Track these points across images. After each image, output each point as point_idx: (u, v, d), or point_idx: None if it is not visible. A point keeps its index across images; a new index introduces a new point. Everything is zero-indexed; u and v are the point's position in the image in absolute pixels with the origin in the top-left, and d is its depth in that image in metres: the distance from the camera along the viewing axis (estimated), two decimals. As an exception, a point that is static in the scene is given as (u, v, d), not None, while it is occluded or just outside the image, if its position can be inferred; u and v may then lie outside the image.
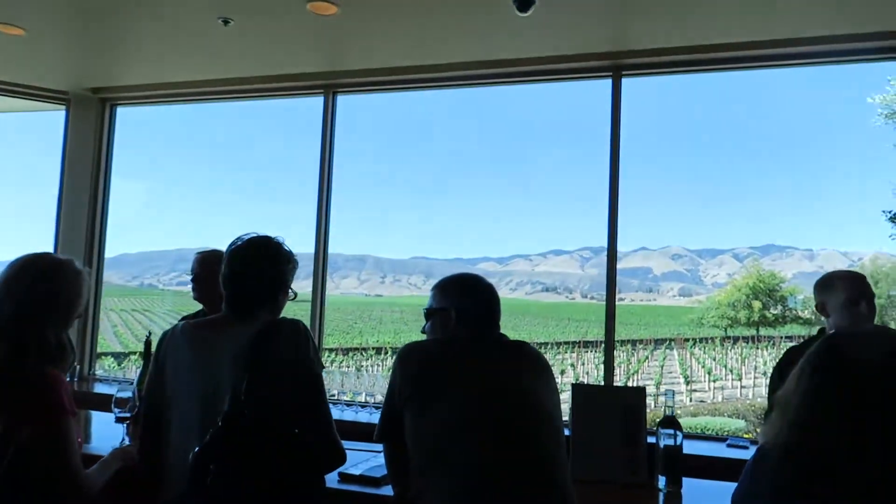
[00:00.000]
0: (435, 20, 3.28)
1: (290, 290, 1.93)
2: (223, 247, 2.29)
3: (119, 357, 28.47)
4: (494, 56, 3.73)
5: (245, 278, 1.85)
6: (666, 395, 2.19)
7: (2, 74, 4.34)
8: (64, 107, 4.65)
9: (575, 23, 3.28)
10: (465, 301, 1.90)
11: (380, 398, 3.37)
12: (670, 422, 2.15)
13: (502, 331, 1.92)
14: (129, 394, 2.29)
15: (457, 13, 3.18)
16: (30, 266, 1.83)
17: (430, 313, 1.94)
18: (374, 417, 3.16)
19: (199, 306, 2.91)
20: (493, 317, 1.91)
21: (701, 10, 3.09)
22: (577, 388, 2.27)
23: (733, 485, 1.41)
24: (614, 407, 2.21)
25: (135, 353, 30.14)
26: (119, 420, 2.30)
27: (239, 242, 1.89)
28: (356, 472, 2.15)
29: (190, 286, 2.93)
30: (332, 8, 3.14)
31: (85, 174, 4.59)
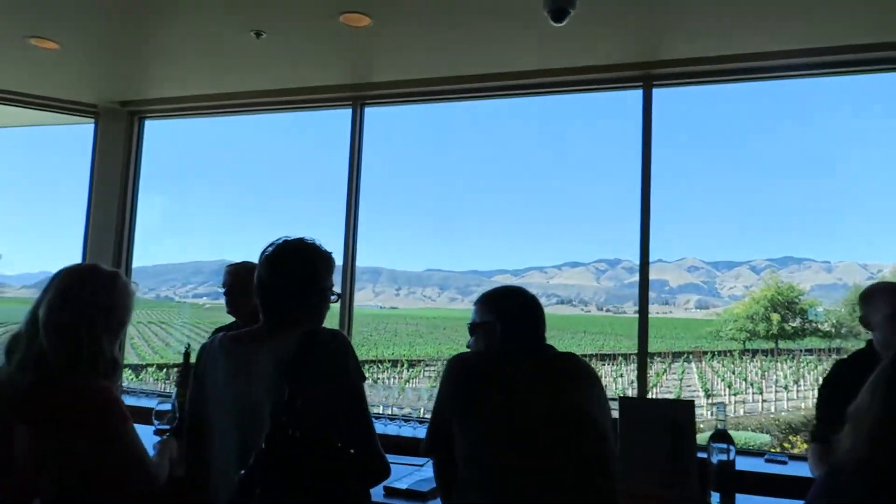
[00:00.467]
0: (467, 31, 3.26)
1: (330, 293, 1.84)
2: (238, 259, 2.27)
3: (136, 369, 28.64)
4: (523, 67, 3.71)
5: (276, 283, 1.78)
6: (717, 408, 2.14)
7: (34, 88, 4.38)
8: (93, 120, 4.68)
9: (606, 33, 3.26)
10: (509, 314, 1.86)
11: (414, 413, 3.34)
12: (722, 436, 2.09)
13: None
14: (168, 406, 2.27)
15: (489, 24, 3.17)
16: (89, 276, 1.83)
17: (474, 327, 1.91)
18: (416, 432, 3.14)
19: (223, 319, 2.90)
20: (538, 329, 1.88)
21: (732, 19, 3.06)
22: (625, 402, 2.23)
23: (789, 502, 1.36)
24: (662, 421, 2.16)
25: (152, 364, 30.37)
26: (159, 433, 2.28)
27: (270, 248, 1.83)
28: (402, 486, 2.12)
29: (223, 299, 2.92)
30: (365, 19, 3.14)
31: (113, 187, 4.61)
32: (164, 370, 27.97)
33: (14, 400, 1.72)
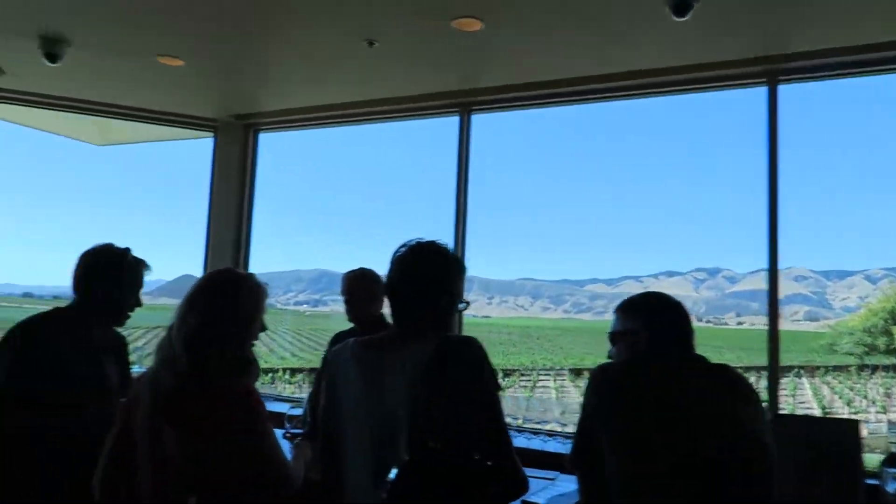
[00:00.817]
0: (582, 30, 3.17)
1: (459, 299, 1.80)
2: (339, 269, 2.23)
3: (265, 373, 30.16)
4: (639, 66, 3.56)
5: (407, 284, 1.74)
6: (890, 428, 1.92)
7: (160, 105, 4.63)
8: (212, 134, 4.89)
9: (728, 27, 3.07)
10: (655, 321, 1.75)
11: (544, 425, 3.23)
12: None
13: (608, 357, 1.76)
14: (300, 411, 2.29)
15: (605, 22, 3.06)
16: (226, 280, 1.88)
17: (616, 336, 1.81)
18: (545, 446, 3.03)
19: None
20: (687, 337, 1.75)
21: (861, 7, 2.81)
22: (780, 420, 2.05)
23: None
24: (822, 441, 1.97)
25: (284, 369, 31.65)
26: (289, 437, 2.30)
27: (402, 249, 1.79)
28: (540, 500, 2.04)
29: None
30: (476, 24, 3.10)
31: (231, 199, 4.79)
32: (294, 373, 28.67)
33: (160, 402, 1.77)
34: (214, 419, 1.70)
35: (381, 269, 1.89)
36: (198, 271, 4.76)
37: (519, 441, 3.16)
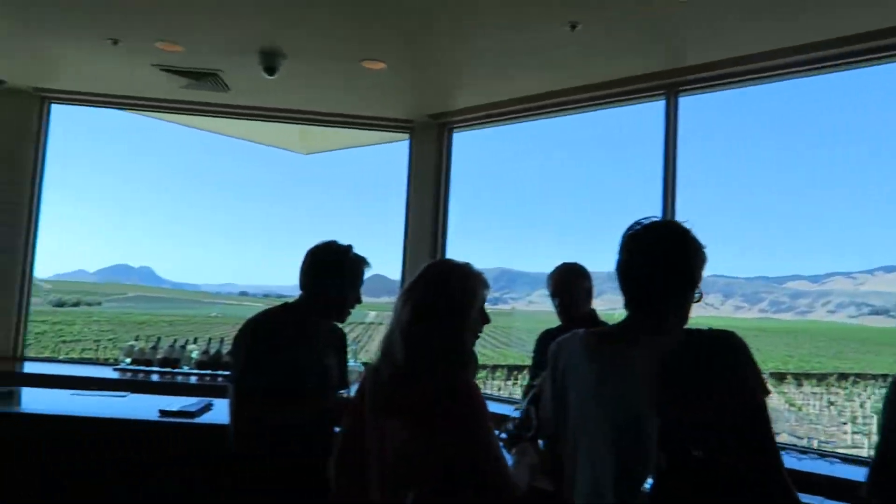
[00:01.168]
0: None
1: (697, 290, 1.59)
2: (518, 268, 2.05)
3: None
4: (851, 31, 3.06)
5: (645, 269, 1.56)
6: None
7: (358, 109, 4.81)
8: (407, 135, 5.00)
9: None
10: None
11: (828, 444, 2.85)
12: None
13: (819, 358, 1.39)
14: (517, 412, 2.17)
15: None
16: (423, 273, 1.83)
17: None
18: (834, 469, 2.58)
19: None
20: None
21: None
22: None
23: None
24: None
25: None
26: (510, 440, 2.20)
27: (637, 227, 1.60)
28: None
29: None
30: (687, -9, 2.82)
31: (427, 200, 4.86)
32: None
33: (380, 394, 1.76)
34: (432, 413, 1.65)
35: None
36: (394, 273, 4.88)
37: (805, 464, 2.69)
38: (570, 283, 2.77)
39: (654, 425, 1.39)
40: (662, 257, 1.55)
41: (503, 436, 2.13)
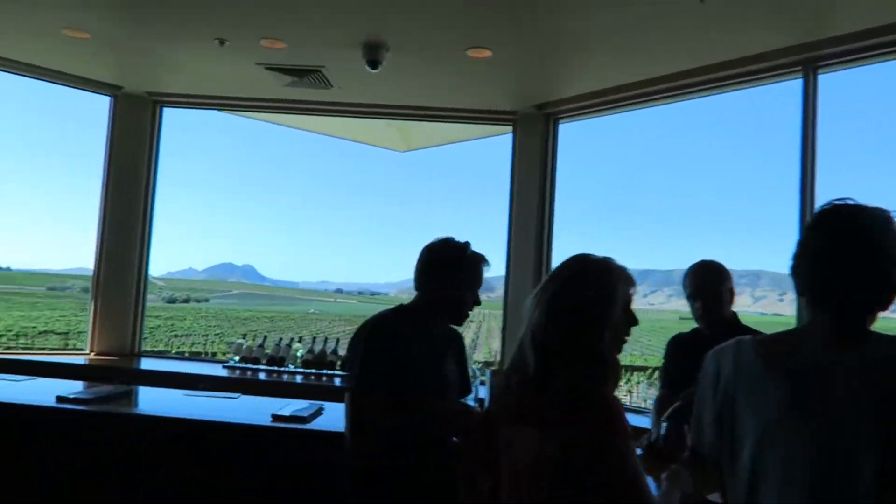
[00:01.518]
0: None
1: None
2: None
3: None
4: None
5: (844, 257, 1.28)
6: None
7: (460, 103, 4.65)
8: (510, 128, 4.79)
9: None
10: None
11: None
12: None
13: None
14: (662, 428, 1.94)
15: None
16: (556, 271, 1.62)
17: None
18: None
19: None
20: None
21: None
22: None
23: None
24: None
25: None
26: (654, 464, 1.97)
27: (840, 204, 1.31)
28: None
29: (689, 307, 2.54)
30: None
31: (532, 193, 4.63)
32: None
33: (511, 401, 1.59)
34: (564, 424, 1.46)
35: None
36: (498, 269, 4.69)
37: None
38: (714, 284, 2.49)
39: (870, 463, 1.14)
40: (866, 243, 1.26)
41: (639, 451, 1.90)
